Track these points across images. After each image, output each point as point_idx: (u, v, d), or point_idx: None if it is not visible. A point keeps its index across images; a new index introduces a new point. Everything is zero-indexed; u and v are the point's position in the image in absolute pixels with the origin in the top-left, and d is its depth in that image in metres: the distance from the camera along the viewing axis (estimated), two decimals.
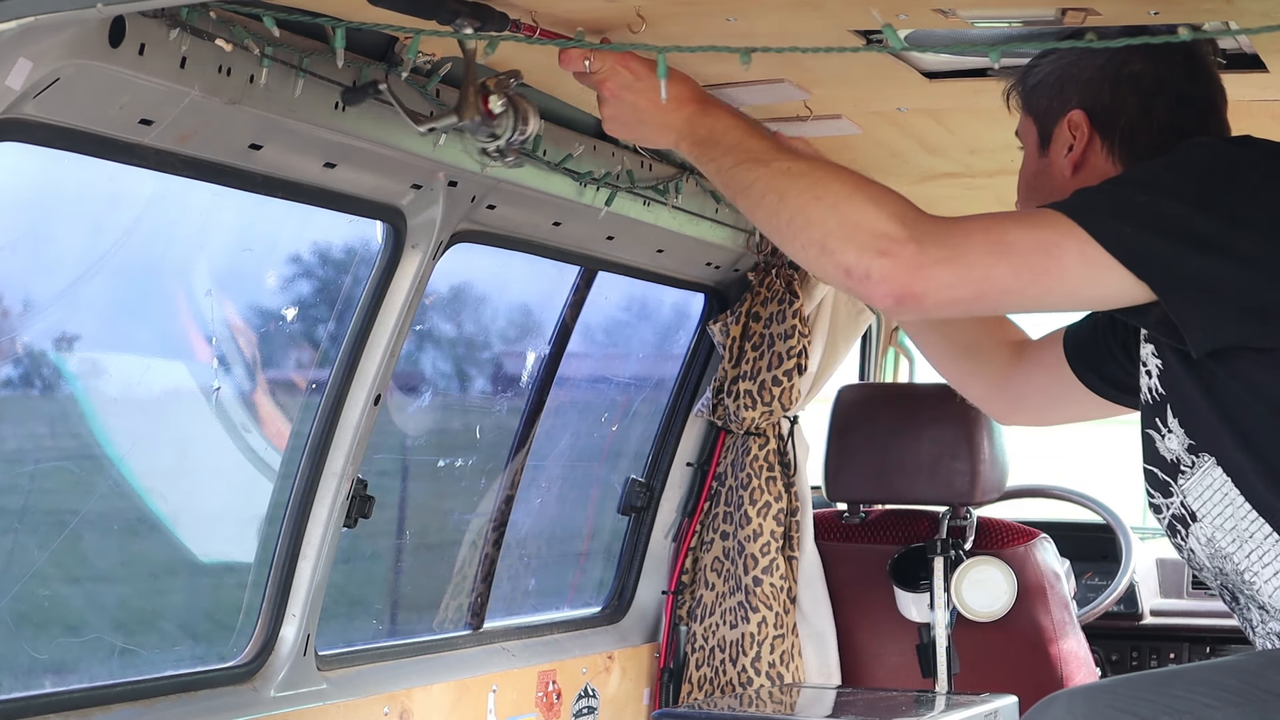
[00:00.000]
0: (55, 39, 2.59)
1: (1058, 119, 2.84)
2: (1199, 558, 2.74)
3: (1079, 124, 2.81)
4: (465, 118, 3.05)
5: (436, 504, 4.54)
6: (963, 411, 4.95)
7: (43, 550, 3.33)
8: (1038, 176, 2.88)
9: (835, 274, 2.55)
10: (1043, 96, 2.88)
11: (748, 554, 4.89)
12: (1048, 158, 2.86)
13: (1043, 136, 2.87)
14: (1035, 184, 2.88)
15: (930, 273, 2.50)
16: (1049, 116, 2.86)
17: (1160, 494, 2.75)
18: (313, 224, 3.72)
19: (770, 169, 2.63)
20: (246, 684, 3.64)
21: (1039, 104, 2.88)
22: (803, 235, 2.59)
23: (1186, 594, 6.09)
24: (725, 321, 4.93)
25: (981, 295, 2.55)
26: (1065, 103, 2.84)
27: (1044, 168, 2.87)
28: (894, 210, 2.54)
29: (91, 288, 3.32)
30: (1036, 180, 2.88)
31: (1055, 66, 2.87)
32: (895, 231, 2.51)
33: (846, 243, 2.53)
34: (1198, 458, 2.64)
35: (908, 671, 4.97)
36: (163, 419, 3.67)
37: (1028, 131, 2.93)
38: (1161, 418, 2.70)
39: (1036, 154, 2.89)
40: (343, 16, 2.88)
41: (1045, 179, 2.86)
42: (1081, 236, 2.50)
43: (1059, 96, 2.84)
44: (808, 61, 3.26)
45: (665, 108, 2.75)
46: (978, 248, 2.52)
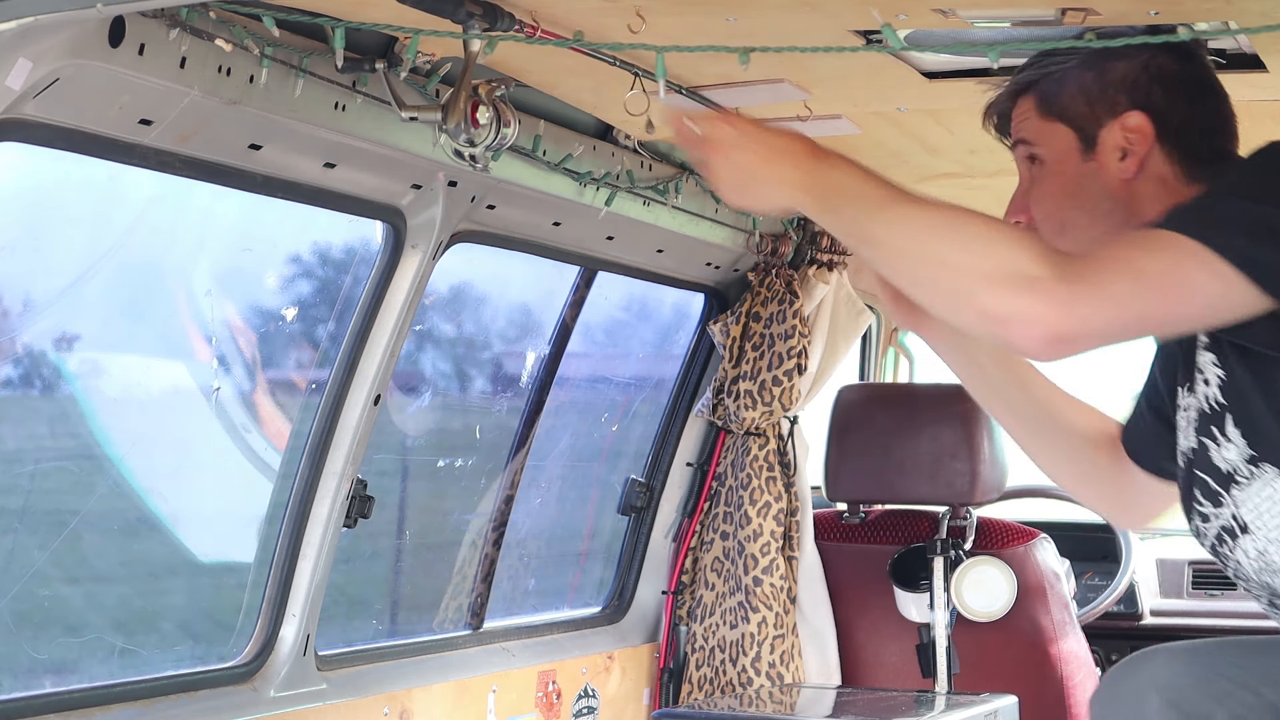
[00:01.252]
0: (55, 39, 2.59)
1: (1105, 122, 2.73)
2: (1245, 569, 2.72)
3: (1140, 126, 2.71)
4: (450, 122, 3.06)
5: (436, 504, 4.54)
6: (963, 411, 4.95)
7: (43, 550, 3.33)
8: (1084, 181, 2.75)
9: (977, 319, 2.46)
10: (1078, 101, 2.76)
11: (748, 554, 4.89)
12: (1095, 162, 2.74)
13: (1086, 141, 2.75)
14: (1079, 189, 2.75)
15: (1078, 310, 2.41)
16: (1092, 120, 2.75)
17: (1210, 503, 2.73)
18: (313, 224, 3.72)
19: (900, 214, 2.54)
20: (246, 684, 3.64)
21: (1074, 108, 2.76)
22: (938, 282, 2.49)
23: (1186, 594, 6.09)
24: (725, 322, 4.94)
25: (1127, 326, 2.47)
26: (1113, 105, 2.73)
27: (1091, 172, 2.75)
28: (1033, 250, 2.45)
29: (91, 288, 3.32)
30: (1081, 186, 2.75)
31: (1080, 69, 2.78)
32: (1038, 271, 2.42)
33: (988, 286, 2.43)
34: (1257, 468, 2.63)
35: (908, 671, 4.97)
36: (163, 419, 3.67)
37: (1054, 137, 2.80)
38: (1219, 427, 2.67)
39: (1078, 159, 2.77)
40: (342, 16, 2.88)
41: (1094, 183, 2.74)
42: (1207, 256, 2.43)
43: (1102, 100, 2.74)
44: (808, 61, 3.26)
45: (779, 161, 2.63)
46: (1119, 280, 2.43)
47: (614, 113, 3.76)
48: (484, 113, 3.06)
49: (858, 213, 2.58)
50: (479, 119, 3.05)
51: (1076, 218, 2.76)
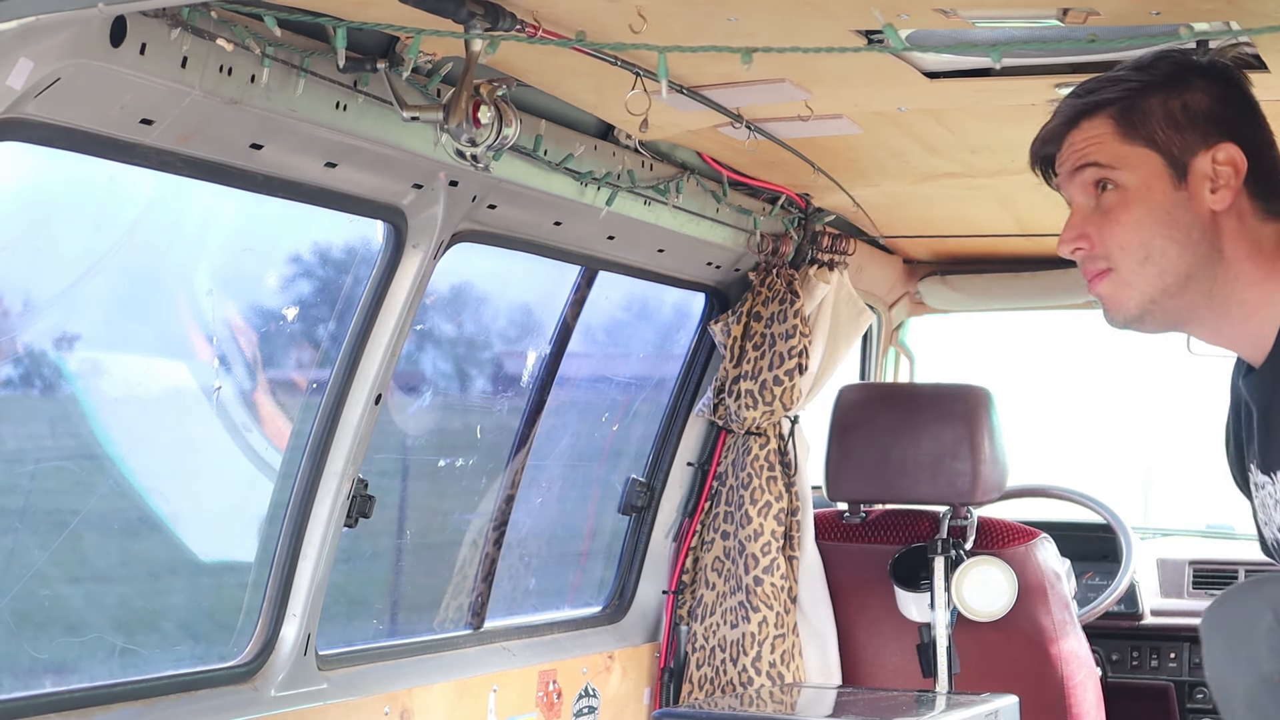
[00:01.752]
0: (56, 38, 2.59)
1: (1197, 151, 2.67)
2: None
3: (1233, 159, 2.66)
4: (452, 121, 3.06)
5: (437, 504, 4.54)
6: (963, 411, 4.95)
7: (43, 550, 3.33)
8: (1176, 211, 2.68)
9: None
10: (1167, 128, 2.69)
11: (748, 554, 4.89)
12: (1186, 191, 2.67)
13: (1177, 169, 2.68)
14: (1172, 219, 2.67)
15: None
16: (1184, 149, 2.68)
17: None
18: (313, 224, 3.72)
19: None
20: (247, 684, 3.64)
21: (1164, 135, 2.69)
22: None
23: (1187, 594, 6.09)
24: (726, 321, 4.94)
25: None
26: (1205, 135, 2.67)
27: (1183, 202, 2.67)
28: None
29: (92, 288, 3.32)
30: (1173, 215, 2.67)
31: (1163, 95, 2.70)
32: None
33: None
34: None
35: (908, 671, 4.97)
36: (163, 419, 3.67)
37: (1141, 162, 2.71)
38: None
39: (1169, 187, 2.69)
40: (344, 16, 2.88)
41: (1186, 213, 2.67)
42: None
43: (1192, 128, 2.68)
44: (809, 61, 3.26)
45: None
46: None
47: (615, 112, 3.76)
48: (485, 112, 3.05)
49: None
50: (480, 119, 3.05)
51: (1166, 247, 2.69)
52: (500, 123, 3.09)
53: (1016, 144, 4.08)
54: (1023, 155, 4.27)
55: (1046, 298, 5.89)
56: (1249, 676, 2.52)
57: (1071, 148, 2.76)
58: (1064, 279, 5.74)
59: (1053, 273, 5.74)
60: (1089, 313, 5.99)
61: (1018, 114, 3.72)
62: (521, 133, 3.31)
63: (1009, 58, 3.29)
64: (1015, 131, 3.95)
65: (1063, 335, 12.07)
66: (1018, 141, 4.05)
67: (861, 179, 4.54)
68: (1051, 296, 5.88)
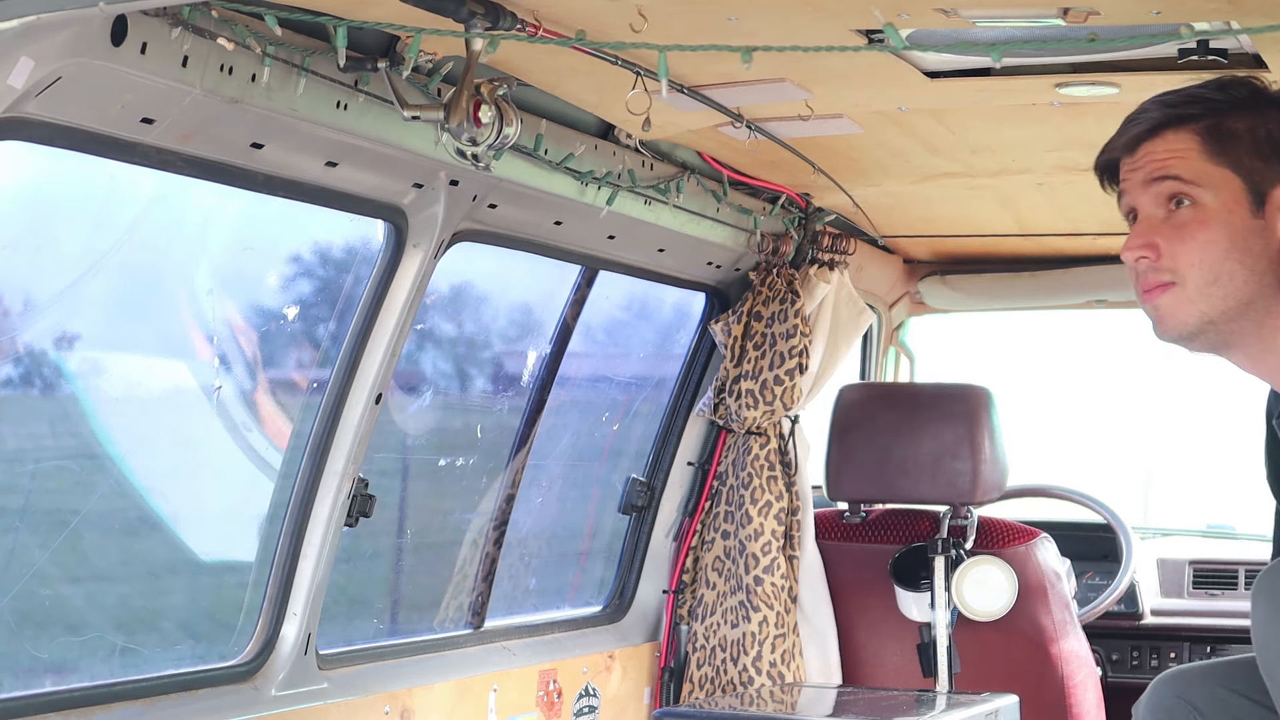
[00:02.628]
0: (57, 37, 2.59)
1: (1276, 184, 2.66)
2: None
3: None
4: (453, 121, 3.06)
5: (437, 503, 4.54)
6: (964, 411, 4.95)
7: (43, 550, 3.33)
8: (1250, 239, 2.67)
9: None
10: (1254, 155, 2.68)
11: (749, 553, 4.89)
12: (1263, 220, 2.66)
13: (1256, 196, 2.67)
14: (1246, 246, 2.66)
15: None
16: (1265, 179, 2.67)
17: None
18: (314, 223, 3.72)
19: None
20: (247, 683, 3.64)
21: (1250, 161, 2.68)
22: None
23: (1187, 594, 6.09)
24: (727, 321, 4.94)
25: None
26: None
27: (1259, 230, 2.67)
28: None
29: (92, 287, 3.32)
30: (1248, 243, 2.66)
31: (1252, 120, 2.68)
32: None
33: None
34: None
35: (908, 671, 4.97)
36: (163, 418, 3.67)
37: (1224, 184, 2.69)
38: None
39: (1248, 213, 2.68)
40: (344, 15, 2.88)
41: (1259, 242, 2.66)
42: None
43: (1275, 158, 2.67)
44: (809, 61, 3.26)
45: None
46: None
47: (615, 112, 3.76)
48: (486, 112, 3.05)
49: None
50: (481, 118, 3.05)
51: (1236, 271, 2.67)
52: (501, 122, 3.09)
53: (1017, 144, 4.09)
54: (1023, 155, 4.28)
55: (1046, 298, 5.89)
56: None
57: (1151, 156, 2.71)
58: (1064, 279, 5.74)
59: (1052, 273, 5.74)
60: (1089, 313, 6.00)
61: (1018, 114, 3.72)
62: (522, 132, 3.31)
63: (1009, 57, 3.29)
64: (1015, 131, 3.95)
65: (1063, 335, 12.07)
66: (1018, 141, 4.07)
67: (862, 179, 4.54)
68: (1051, 296, 5.88)
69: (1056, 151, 4.16)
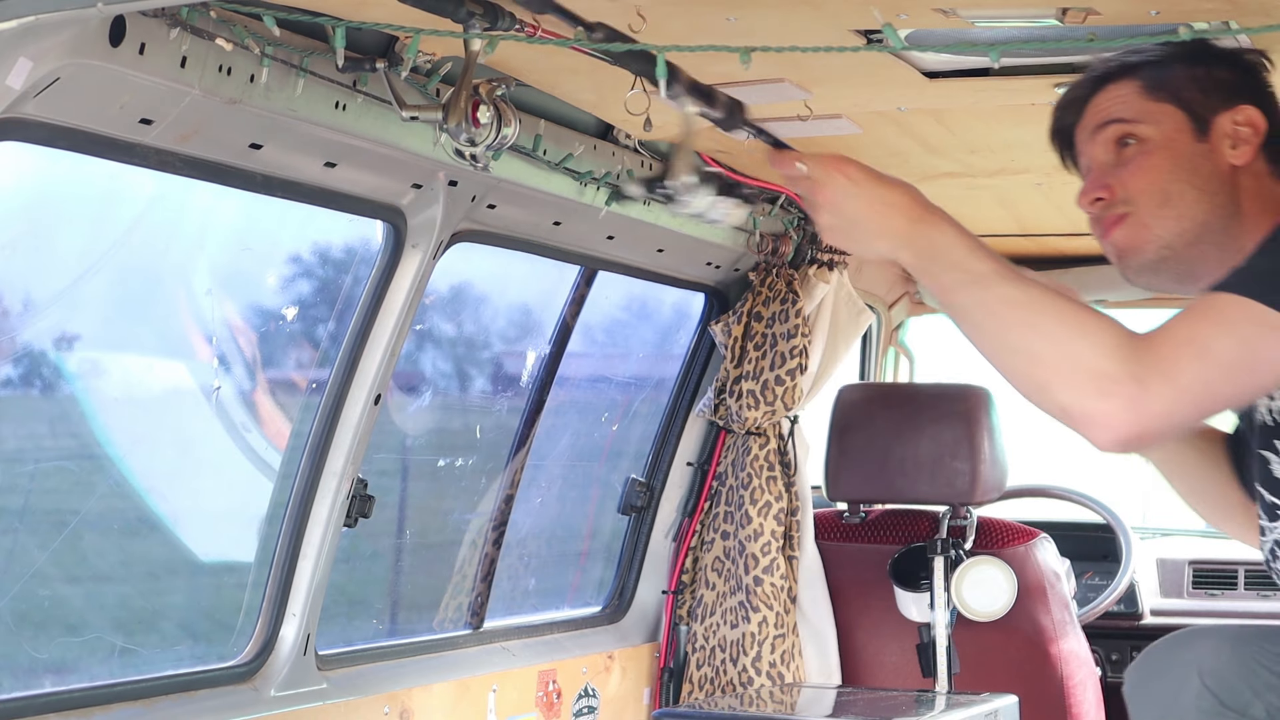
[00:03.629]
0: (56, 38, 2.59)
1: (1219, 110, 2.75)
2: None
3: (1253, 120, 2.75)
4: (451, 121, 3.05)
5: (437, 503, 4.54)
6: (963, 411, 4.95)
7: (43, 550, 3.33)
8: (1197, 160, 2.75)
9: (1054, 412, 2.51)
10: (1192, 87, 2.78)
11: (749, 554, 4.89)
12: (1208, 144, 2.75)
13: (1199, 123, 2.76)
14: (1192, 166, 2.75)
15: (1152, 408, 2.44)
16: (1207, 106, 2.76)
17: (1267, 517, 2.74)
18: (313, 223, 3.72)
19: (990, 294, 2.57)
20: (247, 683, 3.64)
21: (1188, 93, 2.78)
22: (1021, 370, 2.54)
23: (1187, 594, 6.09)
24: (727, 322, 4.94)
25: (1202, 411, 2.51)
26: (1227, 96, 2.76)
27: (1204, 153, 2.75)
28: (1109, 347, 2.47)
29: (91, 287, 3.32)
30: (1195, 164, 2.75)
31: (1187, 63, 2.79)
32: (1113, 370, 2.45)
33: (1065, 384, 2.48)
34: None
35: (908, 671, 4.96)
36: (163, 419, 3.67)
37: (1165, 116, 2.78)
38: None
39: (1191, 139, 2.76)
40: (343, 16, 2.88)
41: (1206, 163, 2.75)
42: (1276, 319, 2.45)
43: (1216, 91, 2.76)
44: (808, 61, 3.26)
45: (886, 214, 2.68)
46: (1189, 366, 2.45)
47: (614, 112, 3.76)
48: (485, 112, 3.05)
49: (953, 282, 2.62)
50: (480, 118, 3.05)
51: (1185, 191, 2.74)
52: (499, 122, 3.08)
53: (1016, 144, 4.09)
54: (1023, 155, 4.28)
55: None
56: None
57: (1095, 109, 2.83)
58: (1064, 279, 5.73)
59: (1052, 273, 5.74)
60: None
61: (1018, 114, 3.72)
62: (521, 132, 3.31)
63: (1008, 57, 3.29)
64: (1015, 131, 3.95)
65: None
66: (1018, 141, 4.06)
67: None
68: None
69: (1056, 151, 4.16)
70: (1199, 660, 2.56)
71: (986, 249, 2.64)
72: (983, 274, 2.60)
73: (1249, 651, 2.55)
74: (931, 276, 2.65)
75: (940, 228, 2.65)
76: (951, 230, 2.66)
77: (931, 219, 2.67)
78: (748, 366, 4.90)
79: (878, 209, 2.68)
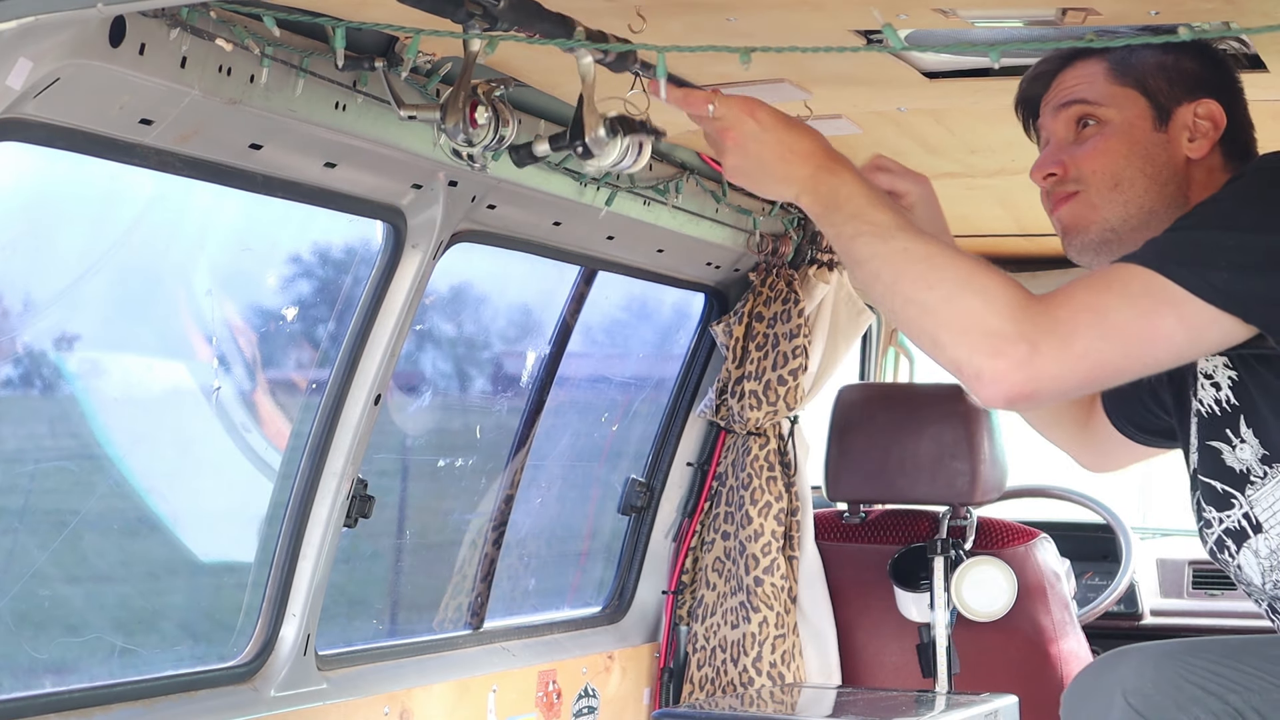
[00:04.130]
0: (55, 39, 2.59)
1: (1182, 101, 2.78)
2: (1247, 573, 2.73)
3: (1214, 115, 2.77)
4: (448, 122, 3.05)
5: (436, 504, 4.54)
6: (963, 411, 4.95)
7: (43, 550, 3.33)
8: (1153, 149, 2.78)
9: (948, 366, 2.52)
10: (1159, 77, 2.80)
11: (749, 554, 4.89)
12: (1166, 135, 2.78)
13: (1160, 113, 2.79)
14: (1148, 154, 2.78)
15: (1042, 370, 2.46)
16: (1170, 97, 2.79)
17: (1215, 507, 2.74)
18: (313, 224, 3.72)
19: (889, 247, 2.58)
20: (246, 684, 3.64)
21: (1154, 82, 2.80)
22: (915, 323, 2.55)
23: (1187, 594, 6.09)
24: (728, 322, 4.94)
25: (1093, 380, 2.52)
26: (1192, 89, 2.78)
27: (1161, 143, 2.78)
28: (1003, 305, 2.49)
29: (91, 288, 3.32)
30: (1150, 152, 2.78)
31: (1157, 52, 2.82)
32: (1006, 329, 2.47)
33: (958, 340, 2.50)
34: (1271, 468, 2.64)
35: (908, 671, 4.97)
36: (163, 419, 3.67)
37: (1128, 101, 2.81)
38: (1233, 428, 2.69)
39: (1150, 127, 2.79)
40: (343, 16, 2.87)
41: (1162, 154, 2.78)
42: (1179, 296, 2.46)
43: (1181, 82, 2.79)
44: (808, 61, 3.26)
45: (791, 160, 2.69)
46: (1085, 334, 2.47)
47: None
48: (482, 113, 3.05)
49: (854, 234, 2.63)
50: (477, 119, 3.04)
51: (1136, 179, 2.77)
52: (497, 123, 3.08)
53: (1016, 144, 4.08)
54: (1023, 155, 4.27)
55: None
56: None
57: (1060, 85, 2.86)
58: (1064, 279, 5.70)
59: (1052, 273, 5.74)
60: None
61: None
62: (521, 133, 3.30)
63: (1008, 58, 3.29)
64: (1015, 131, 3.94)
65: None
66: (1018, 141, 4.05)
67: None
68: None
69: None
70: (1122, 681, 2.57)
71: (888, 201, 2.66)
72: (883, 225, 2.61)
73: (1173, 668, 2.56)
74: (832, 225, 2.66)
75: (842, 176, 2.67)
76: (854, 180, 2.67)
77: (834, 167, 2.68)
78: (749, 367, 4.90)
79: (782, 154, 2.70)
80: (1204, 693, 2.52)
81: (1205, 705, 2.52)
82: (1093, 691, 2.62)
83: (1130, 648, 2.64)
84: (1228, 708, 2.52)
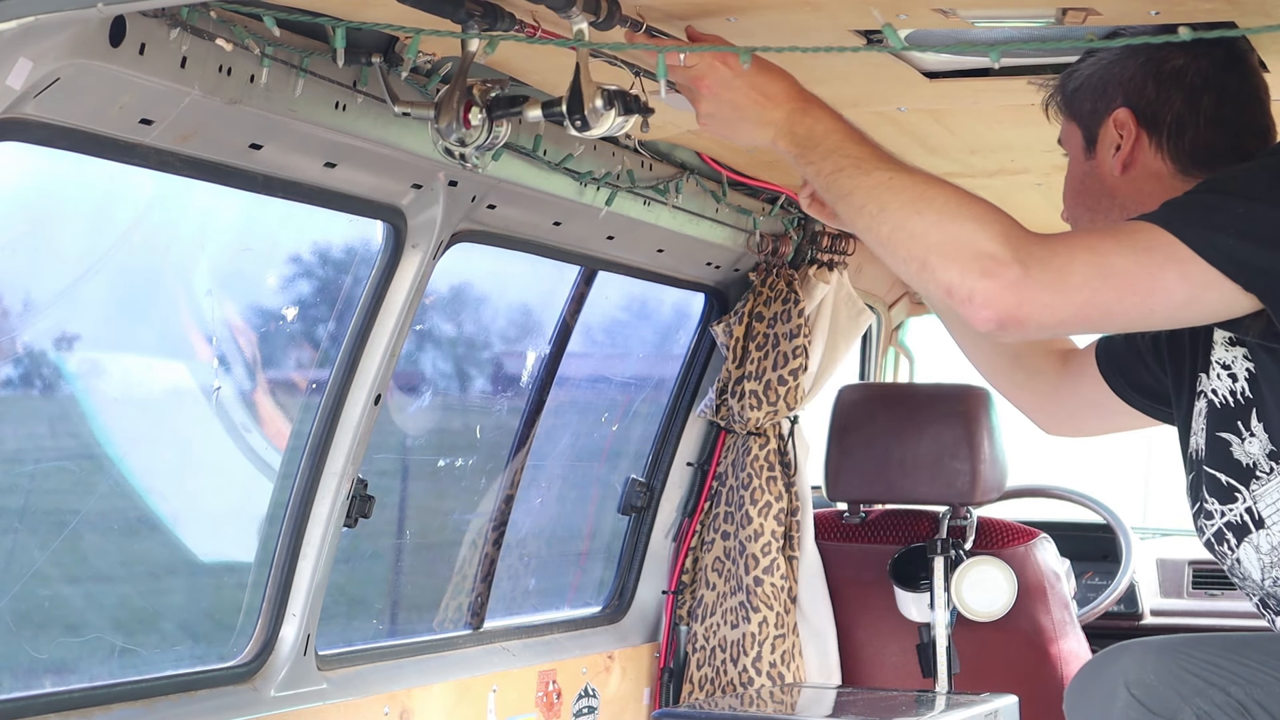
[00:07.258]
0: (55, 39, 2.59)
1: (1103, 119, 2.79)
2: (1245, 567, 2.73)
3: (1125, 122, 2.76)
4: (442, 121, 3.06)
5: (436, 504, 4.54)
6: (963, 411, 4.95)
7: (43, 550, 3.33)
8: (1086, 179, 2.82)
9: (936, 291, 2.51)
10: (1086, 99, 2.82)
11: (749, 554, 4.89)
12: (1095, 159, 2.80)
13: (1089, 139, 2.82)
14: (1083, 187, 2.81)
15: (1034, 296, 2.45)
16: (1094, 118, 2.81)
17: (1218, 499, 2.73)
18: (313, 224, 3.72)
19: (871, 178, 2.59)
20: (246, 684, 3.64)
21: (1082, 107, 2.83)
22: (903, 250, 2.55)
23: (1187, 594, 6.09)
24: (728, 322, 4.94)
25: (1084, 318, 2.51)
26: (1110, 103, 2.79)
27: (1091, 170, 2.81)
28: (999, 229, 2.49)
29: (91, 288, 3.32)
30: (1084, 183, 2.82)
31: (1095, 69, 2.82)
32: (1000, 252, 2.47)
33: (949, 262, 2.49)
34: (1278, 464, 2.64)
35: (908, 671, 4.97)
36: (163, 419, 3.67)
37: (1071, 136, 2.88)
38: (1244, 421, 2.68)
39: (1083, 157, 2.83)
40: (343, 16, 2.88)
41: (1093, 181, 2.81)
42: (1184, 254, 2.45)
43: (1102, 97, 2.80)
44: (808, 61, 3.26)
45: (765, 104, 2.70)
46: (1081, 270, 2.46)
47: None
48: (476, 114, 3.05)
49: (835, 169, 2.64)
50: (471, 119, 3.04)
51: (1081, 215, 2.82)
52: (491, 124, 3.08)
53: (1016, 144, 4.09)
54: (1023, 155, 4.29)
55: None
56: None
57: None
58: None
59: None
60: None
61: (1018, 114, 3.72)
62: (521, 133, 3.31)
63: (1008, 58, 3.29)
64: (1015, 131, 3.95)
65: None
66: (1018, 141, 4.06)
67: None
68: None
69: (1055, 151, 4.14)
70: (1125, 672, 2.57)
71: (866, 136, 2.67)
72: (863, 158, 2.63)
73: (1175, 660, 2.56)
74: (812, 164, 2.67)
75: (817, 115, 2.69)
76: (829, 117, 2.69)
77: (810, 107, 2.70)
78: (750, 367, 4.90)
79: (756, 98, 2.71)
80: (1206, 684, 2.53)
81: (1207, 696, 2.52)
82: (1096, 683, 2.62)
83: (1133, 641, 2.64)
84: (1230, 699, 2.52)
